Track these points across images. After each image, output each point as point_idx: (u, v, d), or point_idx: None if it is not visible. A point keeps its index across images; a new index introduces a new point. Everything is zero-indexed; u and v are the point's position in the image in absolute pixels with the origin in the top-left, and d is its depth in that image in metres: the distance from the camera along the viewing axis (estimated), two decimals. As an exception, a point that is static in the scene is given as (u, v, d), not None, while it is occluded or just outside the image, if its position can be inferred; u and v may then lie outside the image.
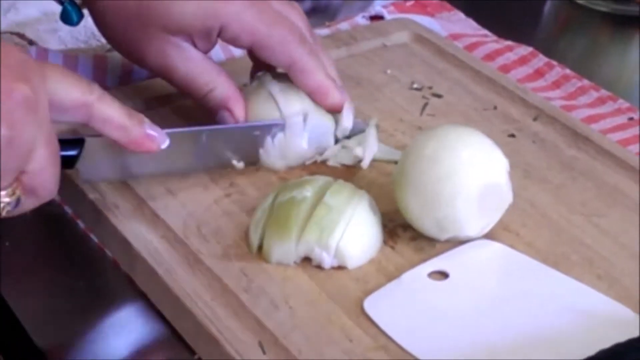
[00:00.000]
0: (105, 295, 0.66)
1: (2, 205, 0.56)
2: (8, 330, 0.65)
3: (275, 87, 0.73)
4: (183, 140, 0.68)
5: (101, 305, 0.64)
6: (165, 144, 0.65)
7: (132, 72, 0.84)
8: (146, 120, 0.65)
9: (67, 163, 0.62)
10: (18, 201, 0.57)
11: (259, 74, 0.75)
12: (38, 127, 0.57)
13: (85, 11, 0.80)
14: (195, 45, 0.73)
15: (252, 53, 0.78)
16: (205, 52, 0.75)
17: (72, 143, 0.64)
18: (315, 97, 0.74)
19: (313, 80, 0.74)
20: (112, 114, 0.63)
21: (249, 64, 0.80)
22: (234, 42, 0.74)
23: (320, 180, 0.65)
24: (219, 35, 0.73)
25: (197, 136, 0.69)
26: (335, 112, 0.75)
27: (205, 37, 0.73)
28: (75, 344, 0.62)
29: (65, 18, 0.78)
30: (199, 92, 0.72)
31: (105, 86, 0.80)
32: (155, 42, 0.71)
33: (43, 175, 0.59)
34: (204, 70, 0.72)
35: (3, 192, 0.56)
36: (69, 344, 0.62)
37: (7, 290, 0.65)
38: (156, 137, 0.65)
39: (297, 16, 0.78)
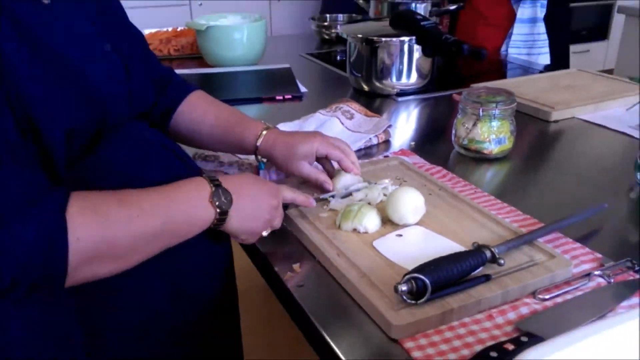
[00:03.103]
0: (297, 255, 1.13)
1: (265, 234, 1.08)
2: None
3: (345, 177, 1.30)
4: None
5: (296, 260, 1.11)
6: (314, 204, 1.19)
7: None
8: (309, 196, 1.16)
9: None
10: (269, 233, 1.10)
11: (337, 169, 1.30)
12: (278, 212, 1.11)
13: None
14: (310, 161, 1.26)
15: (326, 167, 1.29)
16: (312, 163, 1.26)
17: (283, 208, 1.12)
18: (344, 164, 1.25)
19: (347, 160, 1.26)
20: (300, 198, 1.17)
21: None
22: (320, 154, 1.24)
23: (360, 204, 1.20)
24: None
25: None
26: (349, 172, 1.26)
27: (312, 156, 1.25)
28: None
29: (260, 166, 1.34)
30: (315, 181, 1.28)
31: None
32: (295, 164, 1.26)
33: (278, 224, 1.12)
34: (315, 173, 1.27)
35: (265, 232, 1.10)
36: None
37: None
38: (313, 202, 1.19)
39: (342, 141, 1.30)
